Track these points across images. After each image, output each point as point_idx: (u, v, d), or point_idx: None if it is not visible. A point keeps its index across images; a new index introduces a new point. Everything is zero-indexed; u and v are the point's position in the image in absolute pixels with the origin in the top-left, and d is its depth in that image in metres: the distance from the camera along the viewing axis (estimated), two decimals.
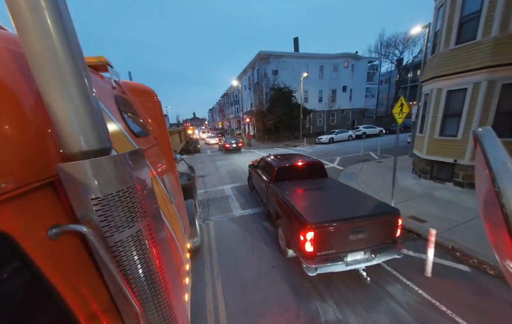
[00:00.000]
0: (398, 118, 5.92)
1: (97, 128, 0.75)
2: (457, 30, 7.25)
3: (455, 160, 7.63)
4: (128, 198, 0.80)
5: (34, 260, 0.60)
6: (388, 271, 4.10)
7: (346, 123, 33.04)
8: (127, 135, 1.51)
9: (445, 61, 7.70)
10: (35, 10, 0.59)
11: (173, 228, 1.91)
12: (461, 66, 7.17)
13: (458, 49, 7.29)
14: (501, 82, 6.55)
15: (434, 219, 5.78)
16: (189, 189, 5.70)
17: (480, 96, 6.87)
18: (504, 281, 3.71)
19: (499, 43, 6.37)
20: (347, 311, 3.30)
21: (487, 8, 6.45)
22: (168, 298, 1.01)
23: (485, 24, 6.55)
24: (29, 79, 0.67)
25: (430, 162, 8.55)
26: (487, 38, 6.57)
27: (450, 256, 4.49)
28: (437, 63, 8.07)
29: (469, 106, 7.15)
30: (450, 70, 7.50)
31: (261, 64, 28.08)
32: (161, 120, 2.68)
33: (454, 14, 7.27)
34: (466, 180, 7.47)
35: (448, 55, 7.61)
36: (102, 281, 0.82)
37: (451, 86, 7.60)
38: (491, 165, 0.47)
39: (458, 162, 7.57)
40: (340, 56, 30.66)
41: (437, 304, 3.34)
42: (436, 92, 8.13)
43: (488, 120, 6.84)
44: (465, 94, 7.22)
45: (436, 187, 7.95)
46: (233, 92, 41.06)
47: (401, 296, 3.52)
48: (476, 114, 6.99)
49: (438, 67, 8.00)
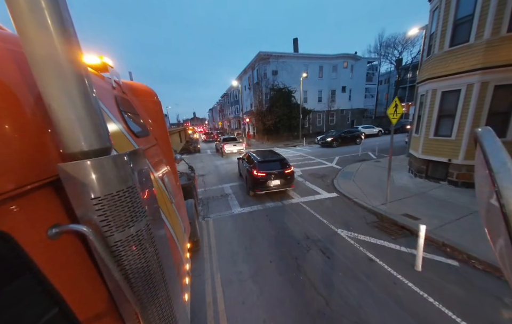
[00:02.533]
0: (392, 118, 6.09)
1: (97, 128, 0.76)
2: (451, 32, 7.42)
3: (450, 160, 7.80)
4: (128, 198, 0.80)
5: (34, 260, 0.60)
6: (380, 265, 4.27)
7: (345, 123, 33.20)
8: (127, 135, 1.51)
9: (440, 62, 7.86)
10: (35, 10, 0.59)
11: (173, 228, 1.92)
12: (455, 67, 7.33)
13: (452, 51, 7.45)
14: (493, 84, 6.72)
15: (427, 216, 5.95)
16: (189, 189, 5.76)
17: (473, 97, 7.03)
18: (496, 277, 3.88)
19: (491, 45, 6.54)
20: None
21: (479, 11, 6.62)
22: (168, 298, 1.02)
23: (477, 27, 6.72)
24: (29, 79, 0.67)
25: (425, 162, 8.71)
26: (479, 40, 6.73)
27: (441, 251, 4.66)
28: (432, 65, 8.24)
29: (463, 106, 7.32)
30: (444, 71, 7.67)
31: (260, 64, 28.25)
32: (161, 120, 2.69)
33: (448, 17, 7.44)
34: (460, 179, 7.64)
35: (442, 56, 7.77)
36: (102, 281, 0.82)
37: (445, 87, 7.77)
38: (491, 165, 0.47)
39: (453, 161, 7.73)
40: (339, 57, 30.81)
41: (425, 295, 3.51)
42: (431, 93, 8.29)
43: (481, 120, 7.01)
44: (459, 95, 7.39)
45: (431, 186, 8.11)
46: (233, 92, 41.19)
47: (391, 289, 3.69)
48: (469, 114, 7.16)
49: (433, 68, 8.17)
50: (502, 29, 6.36)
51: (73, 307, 0.68)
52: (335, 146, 20.58)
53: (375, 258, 4.49)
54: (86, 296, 0.76)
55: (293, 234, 5.58)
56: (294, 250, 4.86)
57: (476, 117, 7.07)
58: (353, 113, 34.35)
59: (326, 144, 20.89)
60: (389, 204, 6.82)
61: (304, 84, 26.63)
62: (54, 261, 0.66)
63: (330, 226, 5.86)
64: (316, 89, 31.03)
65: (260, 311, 3.41)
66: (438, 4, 7.94)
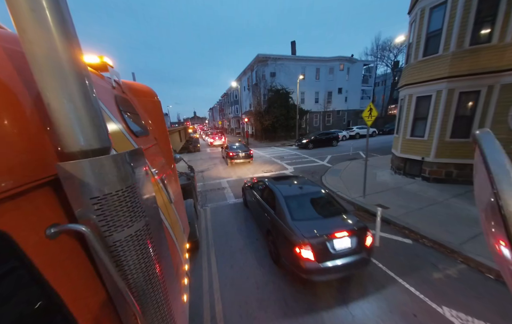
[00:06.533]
0: (367, 121, 7.00)
1: (97, 127, 0.75)
2: (424, 44, 8.31)
3: (423, 158, 8.70)
4: (127, 198, 0.80)
5: (33, 259, 0.59)
6: None
7: (341, 123, 34.10)
8: (127, 134, 1.51)
9: (415, 70, 8.76)
10: (35, 10, 0.59)
11: (172, 228, 1.92)
12: (427, 75, 8.23)
13: (425, 61, 8.35)
14: (458, 91, 7.62)
15: (397, 206, 6.85)
16: (189, 189, 5.82)
17: (441, 102, 7.93)
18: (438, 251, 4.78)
19: (456, 57, 7.43)
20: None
21: (446, 27, 7.51)
22: (167, 299, 1.02)
23: (445, 40, 7.61)
24: (28, 78, 0.66)
25: (403, 160, 9.62)
26: (447, 52, 7.63)
27: (401, 233, 5.56)
28: (409, 72, 9.13)
29: (433, 110, 8.21)
30: (418, 78, 8.57)
31: (259, 66, 29.14)
32: (160, 120, 2.69)
33: (422, 30, 8.33)
34: (431, 175, 8.54)
35: (417, 65, 8.67)
36: (101, 281, 0.82)
37: (419, 92, 8.67)
38: (490, 167, 0.47)
39: (425, 159, 8.63)
40: (335, 59, 31.70)
41: (377, 262, 4.41)
42: (407, 98, 9.20)
43: (448, 122, 7.91)
44: (430, 100, 8.28)
45: (407, 182, 9.01)
46: (233, 93, 42.03)
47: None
48: (439, 117, 8.06)
49: (410, 75, 9.07)
50: (465, 42, 7.25)
51: (71, 307, 0.67)
52: (310, 148, 20.63)
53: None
54: (84, 295, 0.75)
55: None
56: None
57: (444, 120, 7.97)
58: (349, 114, 35.25)
59: (302, 145, 20.95)
60: (367, 196, 7.74)
61: (301, 85, 27.51)
62: (52, 260, 0.65)
63: None
64: (313, 91, 31.93)
65: (244, 272, 4.32)
66: (415, 18, 8.82)
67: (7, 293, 0.53)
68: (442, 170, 8.33)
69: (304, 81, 29.11)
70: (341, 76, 32.64)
